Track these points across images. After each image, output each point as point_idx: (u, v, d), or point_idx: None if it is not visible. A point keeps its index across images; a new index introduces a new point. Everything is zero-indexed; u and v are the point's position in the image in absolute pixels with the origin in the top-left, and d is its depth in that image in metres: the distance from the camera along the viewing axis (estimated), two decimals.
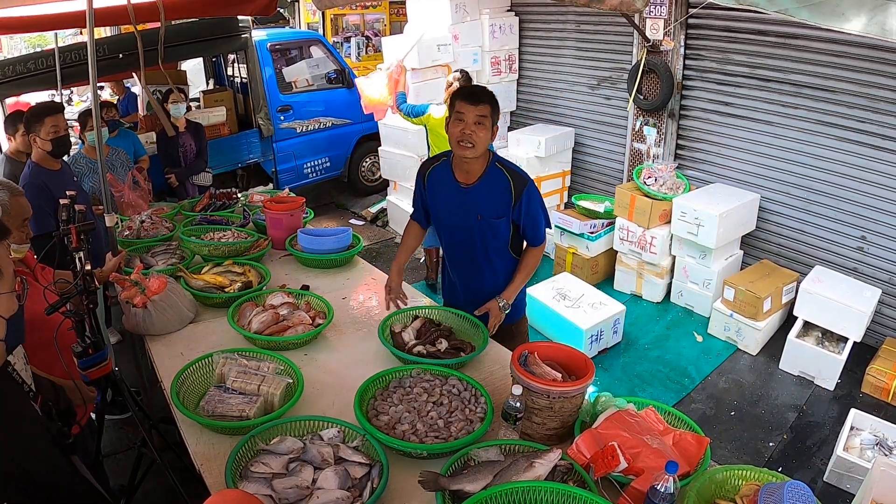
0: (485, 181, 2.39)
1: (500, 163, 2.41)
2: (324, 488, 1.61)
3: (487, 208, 2.40)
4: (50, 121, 3.27)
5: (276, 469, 1.65)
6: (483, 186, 2.39)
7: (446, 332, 2.42)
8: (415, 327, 2.43)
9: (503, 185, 2.37)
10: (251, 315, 2.49)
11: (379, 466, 1.67)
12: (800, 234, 4.58)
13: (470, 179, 2.40)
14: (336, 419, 1.86)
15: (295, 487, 1.60)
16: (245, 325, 2.44)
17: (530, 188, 2.38)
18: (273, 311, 2.50)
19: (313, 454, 1.71)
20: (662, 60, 4.87)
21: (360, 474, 1.67)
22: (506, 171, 2.38)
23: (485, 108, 2.24)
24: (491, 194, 2.39)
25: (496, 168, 2.39)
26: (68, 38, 10.20)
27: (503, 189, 2.37)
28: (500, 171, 2.38)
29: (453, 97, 2.32)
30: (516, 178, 2.38)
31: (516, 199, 2.37)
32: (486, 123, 2.25)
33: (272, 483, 1.61)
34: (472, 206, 2.41)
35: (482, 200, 2.40)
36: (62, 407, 1.64)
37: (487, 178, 2.38)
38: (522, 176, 2.40)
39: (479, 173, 2.38)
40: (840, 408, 3.68)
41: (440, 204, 2.51)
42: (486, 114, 2.24)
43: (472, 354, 2.28)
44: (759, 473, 1.60)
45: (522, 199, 2.37)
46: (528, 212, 2.40)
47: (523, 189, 2.36)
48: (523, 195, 2.36)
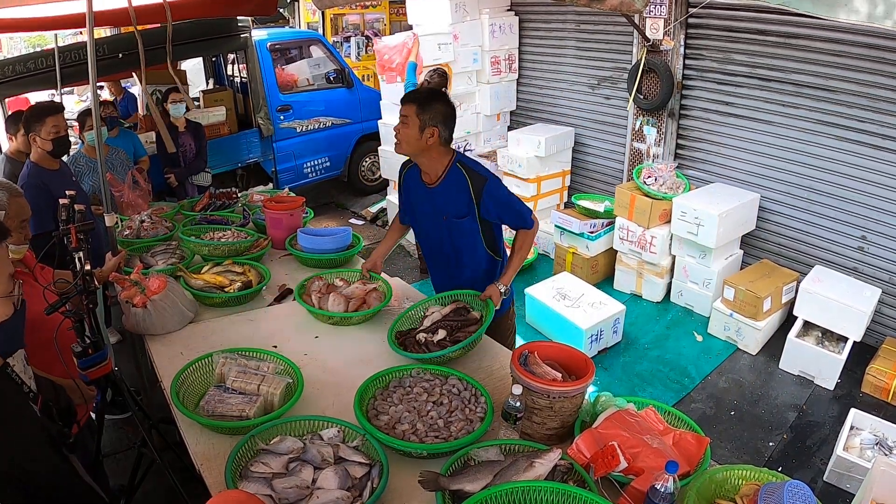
0: (446, 182, 2.45)
1: (461, 163, 2.45)
2: (324, 488, 1.61)
3: (451, 208, 2.47)
4: (51, 121, 3.27)
5: (276, 469, 1.65)
6: (445, 187, 2.46)
7: (462, 317, 2.40)
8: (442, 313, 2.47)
9: (462, 184, 2.42)
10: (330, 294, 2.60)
11: (379, 466, 1.67)
12: (800, 234, 4.58)
13: (432, 180, 2.48)
14: (336, 419, 1.86)
15: (295, 487, 1.60)
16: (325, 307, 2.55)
17: (489, 186, 2.40)
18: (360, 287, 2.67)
19: (313, 454, 1.71)
20: (662, 60, 4.87)
21: (360, 474, 1.67)
22: (465, 171, 2.42)
23: (408, 109, 2.33)
24: (452, 194, 2.45)
25: (456, 168, 2.44)
26: (68, 38, 10.20)
27: (462, 189, 2.42)
28: (459, 171, 2.43)
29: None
30: (474, 177, 2.41)
31: (477, 198, 2.41)
32: (409, 122, 2.32)
33: (272, 483, 1.61)
34: (438, 207, 2.50)
35: (445, 200, 2.47)
36: (62, 406, 1.64)
37: (448, 178, 2.45)
38: (481, 174, 2.43)
39: (440, 174, 2.45)
40: (840, 407, 3.68)
41: (413, 203, 2.64)
42: (407, 113, 2.32)
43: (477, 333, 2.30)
44: (759, 473, 1.60)
45: (483, 198, 2.41)
46: (496, 207, 2.43)
47: (482, 187, 2.40)
48: (483, 194, 2.40)
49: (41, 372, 1.86)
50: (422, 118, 2.32)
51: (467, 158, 2.51)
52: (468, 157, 2.53)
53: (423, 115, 2.32)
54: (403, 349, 2.28)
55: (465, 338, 2.26)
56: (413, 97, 2.37)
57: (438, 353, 2.18)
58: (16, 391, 1.43)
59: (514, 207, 2.48)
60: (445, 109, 2.38)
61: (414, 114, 2.32)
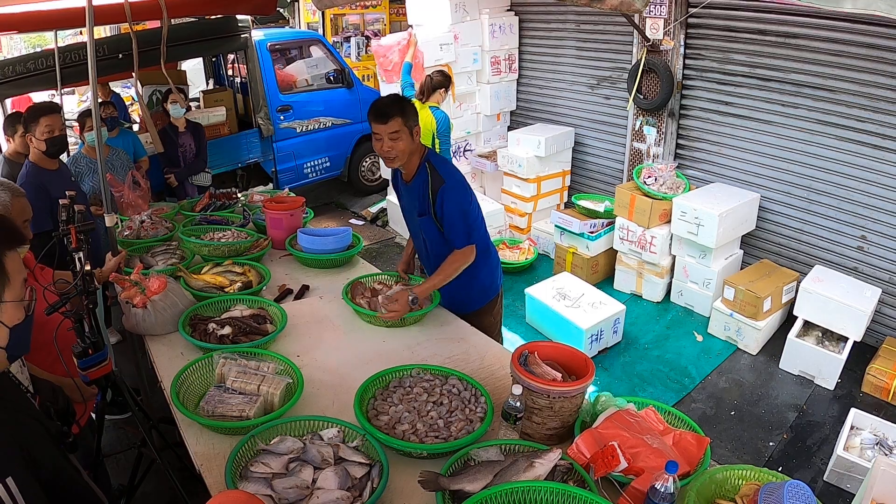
0: (416, 179, 2.54)
1: (430, 161, 2.50)
2: (324, 488, 1.61)
3: (417, 205, 2.56)
4: (45, 121, 3.27)
5: (276, 469, 1.65)
6: (415, 184, 2.54)
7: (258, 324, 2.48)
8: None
9: (425, 182, 2.48)
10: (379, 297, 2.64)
11: (379, 466, 1.67)
12: (800, 234, 4.58)
13: (408, 177, 2.57)
14: (336, 419, 1.86)
15: (295, 487, 1.60)
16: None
17: (445, 189, 2.43)
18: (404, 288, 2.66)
19: (313, 454, 1.70)
20: (662, 60, 4.87)
21: (360, 474, 1.66)
22: (429, 170, 2.48)
23: (395, 123, 2.35)
24: (419, 191, 2.53)
25: (424, 166, 2.50)
26: (68, 38, 10.21)
27: (425, 187, 2.49)
28: (426, 169, 2.49)
29: (368, 117, 2.42)
30: (435, 177, 2.46)
31: (433, 198, 2.46)
32: (401, 135, 2.37)
33: (272, 483, 1.61)
34: (411, 202, 2.61)
35: (414, 197, 2.56)
36: (60, 406, 1.63)
37: (418, 176, 2.52)
38: (441, 176, 2.46)
39: (413, 171, 2.53)
40: (840, 407, 3.68)
41: (399, 196, 2.76)
42: (398, 128, 2.35)
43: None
44: (759, 473, 1.60)
45: (438, 199, 2.45)
46: (442, 213, 2.47)
47: (438, 188, 2.44)
48: (438, 195, 2.44)
49: (39, 372, 1.87)
50: (408, 124, 2.38)
51: (436, 157, 2.55)
52: (437, 156, 2.56)
53: (407, 120, 2.38)
54: (192, 330, 2.38)
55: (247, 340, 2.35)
56: (396, 110, 2.36)
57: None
58: (14, 387, 1.43)
59: (458, 222, 2.46)
60: (412, 106, 2.45)
61: (402, 125, 2.36)
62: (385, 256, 5.92)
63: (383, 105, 2.40)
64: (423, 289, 2.51)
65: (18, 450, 1.24)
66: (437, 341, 2.48)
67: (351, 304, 2.60)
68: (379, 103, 2.43)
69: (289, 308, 2.63)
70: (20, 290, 1.28)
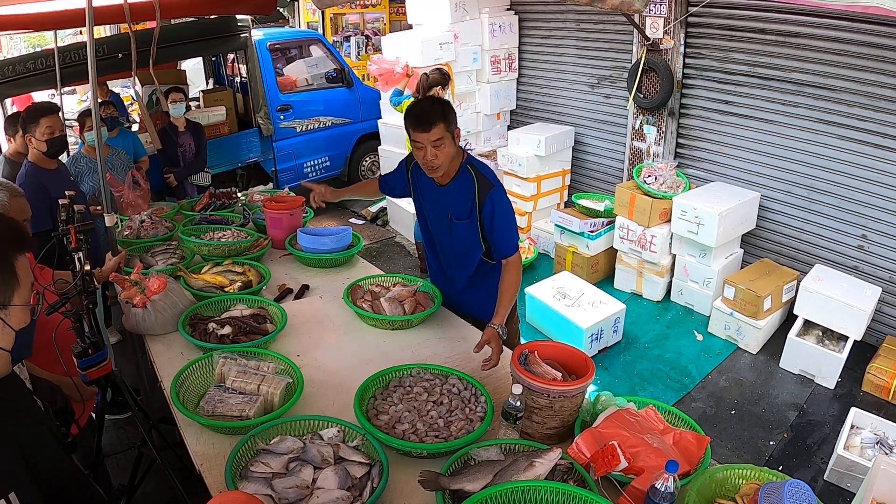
0: (455, 182, 2.41)
1: (472, 164, 2.40)
2: (324, 488, 1.61)
3: (455, 209, 2.44)
4: (45, 121, 3.27)
5: (276, 469, 1.65)
6: (454, 187, 2.42)
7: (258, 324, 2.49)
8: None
9: (469, 186, 2.37)
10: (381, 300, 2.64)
11: (379, 466, 1.67)
12: (800, 233, 4.58)
13: (444, 180, 2.43)
14: (336, 419, 1.86)
15: (295, 487, 1.60)
16: (382, 312, 2.58)
17: (494, 193, 2.34)
18: (405, 290, 2.72)
19: (313, 454, 1.70)
20: (662, 59, 4.87)
21: (360, 474, 1.66)
22: (474, 174, 2.38)
23: (438, 130, 2.21)
24: (459, 195, 2.41)
25: (467, 170, 2.39)
26: (68, 38, 10.21)
27: (469, 191, 2.38)
28: (469, 173, 2.38)
29: (405, 122, 2.30)
30: (482, 181, 2.36)
31: (480, 202, 2.36)
32: (445, 141, 2.24)
33: (272, 483, 1.61)
34: (445, 205, 2.46)
35: (452, 201, 2.44)
36: (59, 406, 1.63)
37: (458, 179, 2.41)
38: (490, 180, 2.36)
39: (452, 174, 2.41)
40: (840, 406, 3.68)
41: (421, 197, 2.60)
42: (441, 135, 2.22)
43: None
44: (760, 472, 1.60)
45: (486, 204, 2.34)
46: (491, 217, 2.36)
47: (487, 193, 2.34)
48: (486, 199, 2.34)
49: (39, 372, 1.86)
50: (450, 128, 2.25)
51: (477, 161, 2.46)
52: (477, 160, 2.48)
53: (449, 125, 2.25)
54: (192, 330, 2.38)
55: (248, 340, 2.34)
56: (438, 116, 2.21)
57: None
58: (18, 385, 1.43)
59: (504, 227, 2.38)
60: (452, 108, 2.31)
61: (444, 130, 2.22)
62: (385, 256, 5.91)
63: (423, 111, 2.23)
64: (502, 315, 2.29)
65: (21, 458, 1.24)
66: (438, 341, 2.48)
67: (353, 308, 2.59)
68: (418, 110, 2.27)
69: (289, 308, 2.63)
70: (28, 294, 1.29)
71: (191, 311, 2.49)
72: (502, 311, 2.31)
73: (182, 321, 2.40)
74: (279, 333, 2.41)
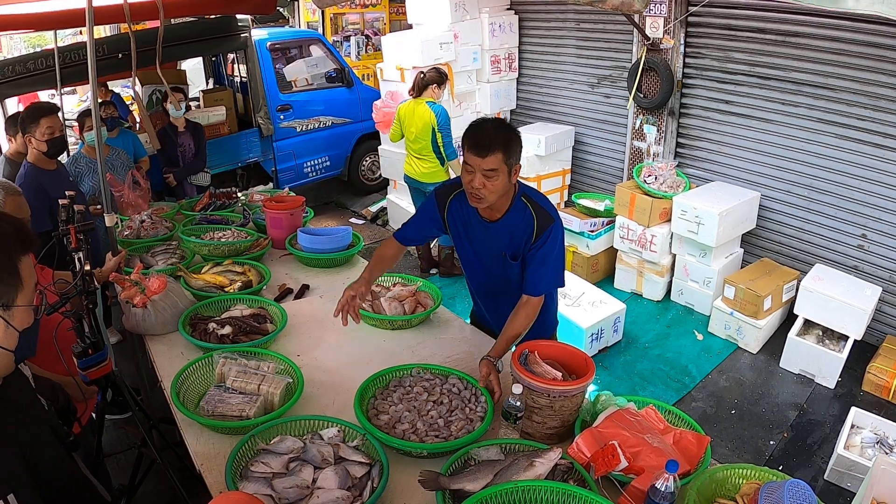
0: (509, 217, 2.14)
1: (526, 196, 2.14)
2: (324, 488, 1.61)
3: (509, 245, 2.18)
4: (45, 122, 3.27)
5: (277, 469, 1.65)
6: (507, 223, 2.15)
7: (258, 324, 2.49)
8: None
9: (527, 221, 2.12)
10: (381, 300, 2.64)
11: (379, 466, 1.67)
12: (800, 232, 4.57)
13: (494, 216, 2.16)
14: (336, 419, 1.86)
15: (295, 487, 1.60)
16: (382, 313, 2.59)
17: (555, 228, 2.11)
18: (406, 289, 2.72)
19: (313, 454, 1.70)
20: (662, 58, 4.87)
21: (360, 473, 1.67)
22: (531, 206, 2.12)
23: (494, 160, 1.95)
24: (514, 231, 2.15)
25: (521, 203, 2.13)
26: (68, 38, 10.21)
27: (526, 226, 2.13)
28: (525, 205, 2.13)
29: (463, 140, 2.02)
30: (541, 214, 2.11)
31: (536, 237, 2.11)
32: (499, 174, 1.97)
33: (272, 483, 1.61)
34: (496, 243, 2.20)
35: (505, 237, 2.17)
36: (60, 405, 1.63)
37: (511, 213, 2.13)
38: (549, 213, 2.12)
39: (503, 209, 2.14)
40: (840, 406, 3.68)
41: (463, 235, 2.29)
42: (496, 165, 1.95)
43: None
44: (760, 472, 1.60)
45: (543, 239, 2.10)
46: (539, 249, 2.11)
47: (547, 227, 2.10)
48: (546, 233, 2.10)
49: (40, 371, 1.86)
50: (509, 161, 1.99)
51: (531, 190, 2.21)
52: (532, 189, 2.22)
53: (509, 157, 1.98)
54: (192, 330, 2.37)
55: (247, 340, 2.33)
56: (500, 143, 1.96)
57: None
58: (22, 384, 1.43)
59: (547, 264, 2.13)
60: (519, 140, 2.04)
61: (502, 162, 1.96)
62: None
63: (485, 133, 1.98)
64: (500, 351, 2.10)
65: (21, 458, 1.24)
66: (438, 341, 2.48)
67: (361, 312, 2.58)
68: (480, 129, 2.01)
69: (289, 308, 2.63)
70: (32, 295, 1.29)
71: (191, 311, 2.49)
72: (502, 345, 2.11)
73: (182, 321, 2.40)
74: (279, 333, 2.41)
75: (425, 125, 4.59)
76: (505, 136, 1.99)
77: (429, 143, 4.66)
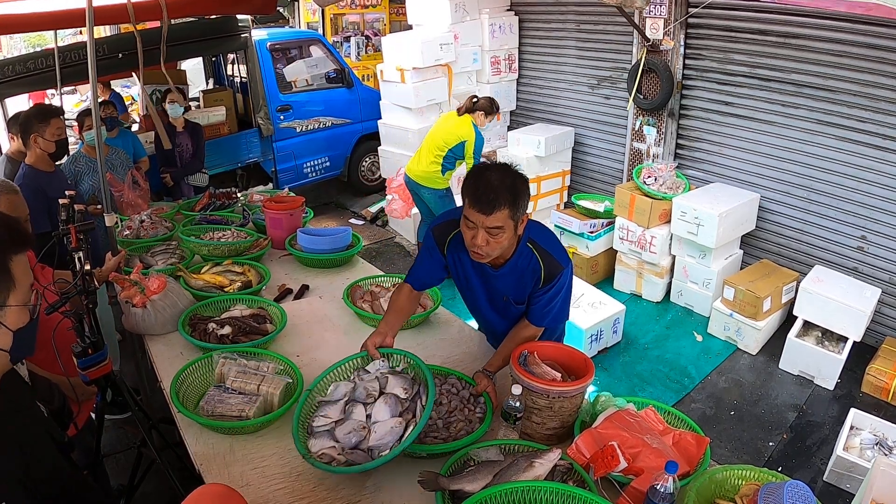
0: (513, 263, 1.99)
1: (533, 241, 1.97)
2: (378, 420, 1.72)
3: (514, 291, 2.06)
4: (55, 122, 3.30)
5: (336, 417, 1.77)
6: (510, 270, 2.01)
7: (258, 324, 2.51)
8: None
9: (534, 268, 1.98)
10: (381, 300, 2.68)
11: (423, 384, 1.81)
12: (800, 234, 4.58)
13: (497, 262, 2.00)
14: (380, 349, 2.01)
15: (353, 431, 1.70)
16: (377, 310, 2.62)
17: (564, 276, 1.98)
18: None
19: (359, 392, 1.82)
20: (662, 60, 4.87)
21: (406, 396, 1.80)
22: (537, 253, 1.96)
23: (500, 217, 1.76)
24: (518, 278, 2.02)
25: (527, 249, 1.96)
26: (68, 38, 10.19)
27: (533, 273, 1.99)
28: (531, 252, 1.97)
29: (463, 193, 1.83)
30: (549, 262, 1.96)
31: (544, 283, 1.98)
32: (505, 231, 1.80)
33: (334, 433, 1.72)
34: (498, 288, 2.09)
35: (508, 283, 2.05)
36: (56, 406, 1.63)
37: (516, 259, 1.98)
38: (558, 262, 1.96)
39: (507, 257, 1.98)
40: (840, 407, 3.68)
41: (463, 278, 2.17)
42: (502, 223, 1.78)
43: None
44: (759, 473, 1.60)
45: (551, 283, 1.97)
46: (544, 294, 2.00)
47: (556, 273, 1.96)
48: (555, 279, 1.96)
49: (39, 371, 1.86)
50: (516, 216, 1.81)
51: (538, 232, 2.01)
52: (539, 229, 2.02)
53: (516, 211, 1.80)
54: (192, 330, 2.38)
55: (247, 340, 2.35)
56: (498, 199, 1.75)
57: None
58: (18, 386, 1.43)
59: (561, 308, 2.07)
60: (527, 188, 1.86)
61: (508, 218, 1.78)
62: (385, 256, 5.92)
63: (490, 187, 1.76)
64: (496, 366, 2.06)
65: (20, 459, 1.24)
66: (438, 341, 2.48)
67: (355, 309, 2.59)
68: (483, 182, 1.79)
69: (288, 308, 2.63)
70: (26, 294, 1.27)
71: (190, 311, 2.49)
72: (498, 360, 2.06)
73: (182, 321, 2.40)
74: (279, 334, 2.41)
75: (457, 137, 4.60)
76: (511, 188, 1.78)
77: (445, 151, 4.68)
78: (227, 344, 2.30)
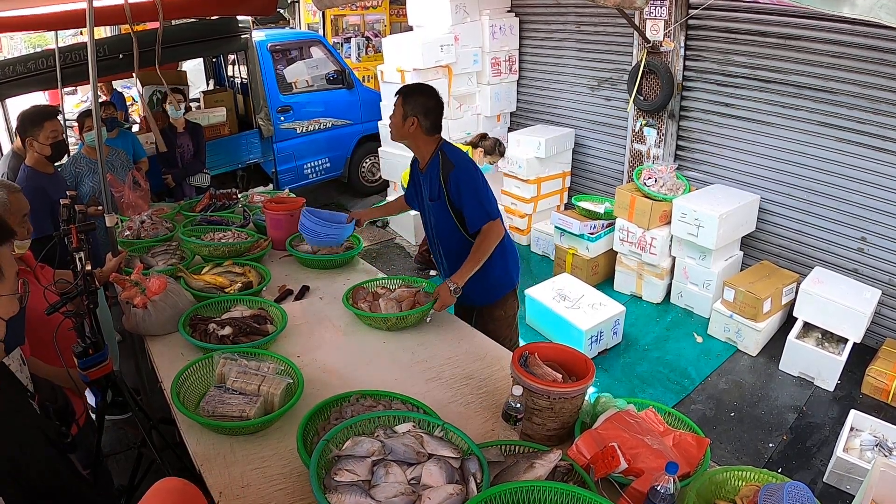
0: (429, 167, 2.65)
1: (443, 150, 2.62)
2: (431, 486, 1.49)
3: (429, 191, 2.68)
4: (49, 125, 3.28)
5: (363, 475, 1.52)
6: (428, 171, 2.66)
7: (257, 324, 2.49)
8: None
9: (437, 169, 2.60)
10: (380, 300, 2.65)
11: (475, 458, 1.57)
12: (800, 235, 4.58)
13: (422, 166, 2.71)
14: (407, 412, 1.78)
15: (399, 496, 1.46)
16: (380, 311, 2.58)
17: (455, 173, 2.54)
18: (407, 291, 2.72)
19: (400, 450, 1.58)
20: (663, 61, 4.87)
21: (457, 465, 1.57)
22: (441, 157, 2.60)
23: (398, 101, 2.58)
24: (432, 178, 2.64)
25: (438, 155, 2.62)
26: (68, 39, 10.21)
27: (437, 173, 2.60)
28: (438, 157, 2.61)
29: None
30: (446, 162, 2.58)
31: (445, 183, 2.57)
32: (395, 111, 2.58)
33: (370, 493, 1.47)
34: (423, 189, 2.74)
35: (427, 184, 2.68)
36: (60, 405, 1.63)
37: (431, 163, 2.64)
38: (451, 161, 2.58)
39: (426, 160, 2.66)
40: (840, 409, 3.68)
41: (415, 188, 2.84)
42: (396, 104, 2.58)
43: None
44: (759, 474, 1.60)
45: (450, 183, 2.55)
46: (458, 195, 2.56)
47: (448, 172, 2.55)
48: (450, 178, 2.55)
49: (41, 370, 1.86)
50: (405, 108, 2.55)
51: (450, 147, 2.66)
52: (452, 147, 2.68)
53: (405, 105, 2.55)
54: (192, 330, 2.39)
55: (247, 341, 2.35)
56: (401, 89, 2.62)
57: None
58: (15, 386, 1.43)
59: (473, 201, 2.55)
60: (426, 101, 2.55)
61: (399, 104, 2.56)
62: (385, 257, 5.92)
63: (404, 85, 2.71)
64: (460, 275, 2.53)
65: (20, 458, 1.24)
66: (438, 342, 2.48)
67: (352, 309, 2.59)
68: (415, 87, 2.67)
69: (289, 308, 2.63)
70: (13, 284, 1.29)
71: (191, 312, 2.49)
72: (463, 270, 2.53)
73: (182, 322, 2.41)
74: (279, 334, 2.41)
75: None
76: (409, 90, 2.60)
77: None
78: (227, 344, 2.30)
